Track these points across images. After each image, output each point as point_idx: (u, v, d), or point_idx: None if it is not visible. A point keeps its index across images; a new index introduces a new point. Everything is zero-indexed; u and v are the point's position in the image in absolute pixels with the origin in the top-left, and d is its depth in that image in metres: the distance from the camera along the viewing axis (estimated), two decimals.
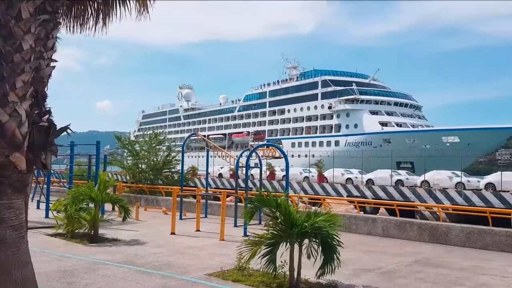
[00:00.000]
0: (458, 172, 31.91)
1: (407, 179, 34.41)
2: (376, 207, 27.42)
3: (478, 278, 8.94)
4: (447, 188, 30.03)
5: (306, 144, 71.84)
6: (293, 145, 73.79)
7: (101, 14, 6.58)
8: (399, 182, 33.72)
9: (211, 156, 27.00)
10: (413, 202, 29.21)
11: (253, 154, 18.26)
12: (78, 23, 6.68)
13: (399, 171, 36.22)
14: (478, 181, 31.09)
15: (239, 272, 8.33)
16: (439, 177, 32.50)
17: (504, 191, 27.67)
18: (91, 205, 13.32)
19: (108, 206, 15.95)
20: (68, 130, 5.59)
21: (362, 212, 24.10)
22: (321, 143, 69.60)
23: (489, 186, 29.48)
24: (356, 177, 37.17)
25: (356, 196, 32.24)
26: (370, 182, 35.36)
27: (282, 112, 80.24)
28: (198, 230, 14.68)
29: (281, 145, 76.23)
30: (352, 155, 46.33)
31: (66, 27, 6.69)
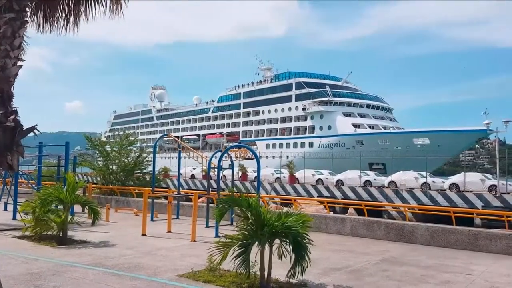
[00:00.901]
0: (424, 173, 32.69)
1: (375, 179, 35.05)
2: (345, 207, 27.80)
3: (442, 276, 9.16)
4: (413, 189, 30.75)
5: (281, 145, 72.08)
6: (267, 146, 73.77)
7: (72, 13, 6.44)
8: (368, 183, 34.31)
9: (183, 157, 26.82)
10: (381, 202, 29.77)
11: (225, 155, 18.20)
12: (48, 22, 6.52)
13: (368, 171, 36.81)
14: (443, 182, 31.96)
15: (210, 273, 8.28)
16: (405, 177, 33.27)
17: (467, 191, 28.54)
18: (60, 207, 13.00)
19: (78, 208, 15.60)
20: (36, 131, 5.44)
21: (331, 212, 24.40)
22: (295, 145, 69.81)
23: (453, 186, 30.36)
24: (326, 178, 37.61)
25: (326, 197, 32.62)
26: (339, 182, 35.84)
27: (256, 113, 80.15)
28: (169, 231, 14.53)
29: (255, 146, 76.08)
30: (325, 157, 46.72)
31: (36, 26, 6.52)
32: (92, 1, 6.31)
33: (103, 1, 6.34)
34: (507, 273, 9.51)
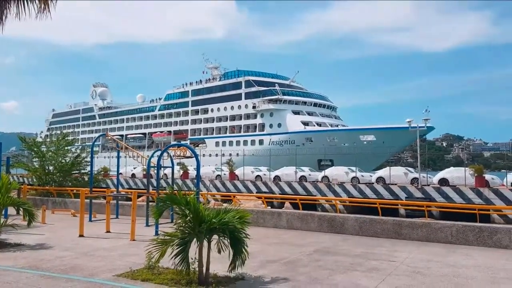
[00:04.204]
0: (353, 168, 33.90)
1: (309, 175, 35.87)
2: (282, 201, 28.25)
3: (370, 263, 9.53)
4: (344, 183, 31.79)
5: (231, 143, 70.54)
6: (217, 144, 71.81)
7: None
8: (303, 178, 35.05)
9: (123, 157, 25.98)
10: (315, 196, 30.52)
11: (165, 154, 17.83)
12: None
13: (303, 167, 37.54)
14: (371, 176, 33.29)
15: (149, 271, 8.07)
16: (337, 172, 34.38)
17: (392, 184, 29.95)
18: None
19: (12, 210, 14.62)
20: None
21: (269, 207, 24.67)
22: (245, 142, 68.50)
23: (380, 180, 31.72)
24: (264, 174, 37.98)
25: (265, 192, 32.96)
26: (277, 178, 36.34)
27: (205, 111, 77.86)
28: (108, 231, 14.01)
29: (204, 145, 74.83)
30: (263, 154, 46.90)
31: None
32: (15, 2, 5.91)
33: (29, 1, 5.97)
34: (427, 259, 10.07)
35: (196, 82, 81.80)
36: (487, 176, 28.07)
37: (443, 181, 28.99)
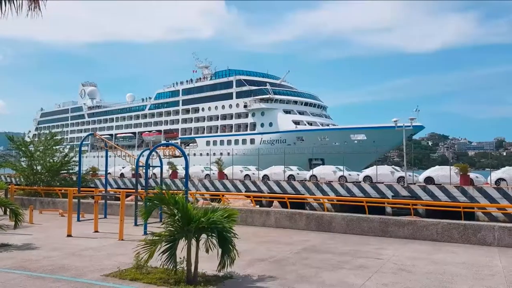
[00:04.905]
0: (341, 167, 34.05)
1: (298, 174, 35.94)
2: (271, 200, 28.27)
3: (357, 261, 9.57)
4: (332, 181, 31.92)
5: (222, 142, 69.86)
6: (207, 143, 71.00)
7: None
8: (291, 177, 35.12)
9: (112, 156, 25.75)
10: (303, 194, 30.60)
11: (153, 153, 17.71)
12: None
13: (291, 166, 37.59)
14: (358, 174, 33.47)
15: (137, 270, 7.99)
16: (324, 171, 34.51)
17: (379, 183, 30.17)
18: None
19: None
20: None
21: (257, 206, 24.67)
22: (236, 141, 67.99)
23: (367, 178, 31.93)
24: (253, 173, 37.99)
25: (254, 191, 32.97)
26: (266, 177, 36.36)
27: (196, 110, 76.94)
28: (96, 231, 13.87)
29: (195, 144, 74.28)
30: (253, 153, 46.66)
31: None
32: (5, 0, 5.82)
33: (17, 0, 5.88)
34: (413, 256, 10.15)
35: (187, 81, 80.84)
36: (472, 175, 28.43)
37: (429, 180, 29.28)
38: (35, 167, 25.98)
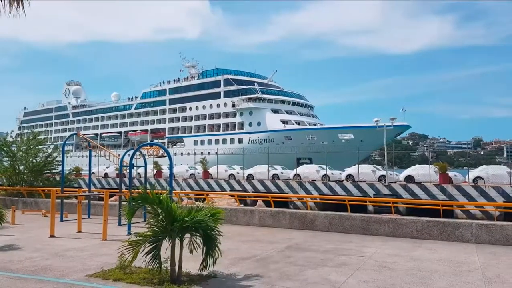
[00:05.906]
0: (324, 166, 34.25)
1: (282, 173, 36.02)
2: (255, 199, 28.26)
3: (339, 258, 9.63)
4: (315, 180, 32.08)
5: (209, 141, 69.40)
6: (195, 142, 70.25)
7: None
8: (275, 176, 35.18)
9: (96, 156, 25.40)
10: (287, 193, 30.68)
11: (137, 153, 17.54)
12: None
13: (275, 166, 37.64)
14: (340, 173, 33.69)
15: (121, 270, 7.90)
16: (308, 170, 34.65)
17: (361, 181, 30.42)
18: None
19: None
20: None
21: (242, 205, 24.63)
22: (224, 141, 67.62)
23: (349, 177, 32.15)
24: (238, 173, 37.92)
25: (238, 190, 32.92)
26: (250, 177, 36.34)
27: (183, 109, 76.08)
28: (80, 231, 13.69)
29: (182, 143, 73.66)
30: (237, 153, 46.53)
31: None
32: None
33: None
34: (394, 253, 10.26)
35: (174, 80, 79.94)
36: (451, 173, 28.89)
37: (409, 178, 29.65)
38: (17, 167, 25.50)
